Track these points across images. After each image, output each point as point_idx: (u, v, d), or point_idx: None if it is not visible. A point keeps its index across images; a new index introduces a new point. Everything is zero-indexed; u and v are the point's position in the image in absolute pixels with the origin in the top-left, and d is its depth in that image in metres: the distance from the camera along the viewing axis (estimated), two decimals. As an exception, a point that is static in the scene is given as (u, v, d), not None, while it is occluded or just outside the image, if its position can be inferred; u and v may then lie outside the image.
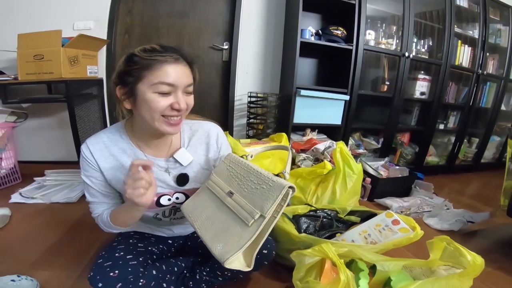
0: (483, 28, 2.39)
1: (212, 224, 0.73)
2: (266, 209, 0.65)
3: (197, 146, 0.91)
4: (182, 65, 0.74)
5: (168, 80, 0.71)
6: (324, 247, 0.78)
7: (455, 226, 1.56)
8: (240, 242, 0.65)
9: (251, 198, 0.70)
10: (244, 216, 0.68)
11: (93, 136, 0.83)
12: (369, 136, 2.39)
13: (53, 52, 1.60)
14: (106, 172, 0.81)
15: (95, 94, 2.00)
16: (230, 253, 0.64)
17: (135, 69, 0.71)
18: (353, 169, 1.49)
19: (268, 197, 0.67)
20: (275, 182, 0.68)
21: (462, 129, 2.61)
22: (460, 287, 0.76)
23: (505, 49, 2.57)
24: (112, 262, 0.78)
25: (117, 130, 0.85)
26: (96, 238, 1.25)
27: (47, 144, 2.11)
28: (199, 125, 0.94)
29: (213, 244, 0.69)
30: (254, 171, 0.75)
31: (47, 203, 1.56)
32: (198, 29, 2.15)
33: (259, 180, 0.72)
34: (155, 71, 0.70)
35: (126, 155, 0.83)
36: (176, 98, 0.73)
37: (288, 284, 1.04)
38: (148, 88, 0.71)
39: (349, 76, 2.01)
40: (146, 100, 0.72)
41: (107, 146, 0.82)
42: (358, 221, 1.22)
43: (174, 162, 0.88)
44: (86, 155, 0.81)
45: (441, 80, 2.31)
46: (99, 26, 1.99)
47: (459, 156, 2.74)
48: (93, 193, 0.84)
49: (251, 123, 2.14)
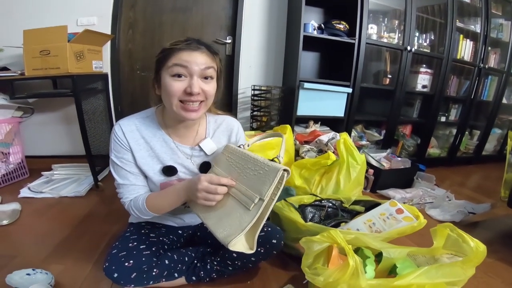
0: (485, 22, 2.41)
1: (214, 210, 0.77)
2: (264, 193, 0.68)
3: (221, 137, 0.96)
4: (200, 52, 0.77)
5: (181, 62, 0.75)
6: (332, 233, 0.80)
7: (456, 217, 1.59)
8: (241, 224, 0.69)
9: (250, 184, 0.74)
10: (244, 200, 0.72)
11: (125, 118, 0.87)
12: (371, 128, 2.42)
13: (60, 47, 1.61)
14: (136, 154, 0.85)
15: (100, 89, 2.01)
16: (233, 236, 0.68)
17: (161, 57, 0.78)
18: (357, 160, 1.51)
19: (265, 181, 0.70)
20: (270, 167, 0.72)
21: (463, 121, 2.63)
22: (463, 274, 0.77)
23: (507, 43, 2.59)
24: (126, 252, 0.81)
25: (148, 115, 0.90)
26: (106, 231, 1.27)
27: (53, 139, 2.13)
28: (223, 119, 0.99)
29: (217, 229, 0.73)
30: (251, 159, 0.78)
31: (56, 197, 1.58)
32: (201, 23, 2.16)
33: (256, 166, 0.75)
34: (172, 57, 0.75)
35: (155, 139, 0.87)
36: (190, 82, 0.76)
37: (295, 273, 1.08)
38: (166, 72, 0.76)
39: (351, 69, 2.03)
40: (165, 84, 0.77)
41: (139, 129, 0.86)
42: (363, 210, 1.24)
43: (199, 150, 0.92)
44: (119, 136, 0.84)
45: (442, 73, 2.33)
46: (102, 21, 2.00)
47: (461, 148, 2.77)
48: (124, 175, 0.85)
49: (255, 115, 2.16)
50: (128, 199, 0.86)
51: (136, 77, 2.20)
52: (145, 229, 0.96)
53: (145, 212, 0.82)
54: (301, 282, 1.02)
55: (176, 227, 1.03)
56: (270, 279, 1.04)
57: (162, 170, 0.87)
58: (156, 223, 1.01)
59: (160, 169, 0.87)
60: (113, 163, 0.86)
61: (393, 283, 0.75)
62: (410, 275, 0.76)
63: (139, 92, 2.23)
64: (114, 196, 1.61)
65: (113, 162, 0.85)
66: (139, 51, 2.14)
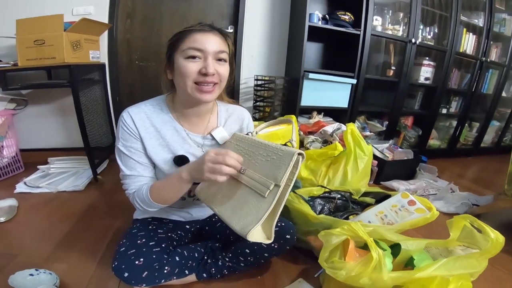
0: (489, 17, 2.41)
1: (228, 201, 0.74)
2: (280, 178, 0.65)
3: (232, 126, 0.94)
4: (212, 34, 0.76)
5: (195, 45, 0.73)
6: (353, 226, 0.78)
7: (460, 209, 1.59)
8: (258, 213, 0.65)
9: (262, 170, 0.70)
10: (259, 188, 0.68)
11: (134, 106, 0.83)
12: (373, 119, 2.42)
13: (55, 36, 1.55)
14: (147, 143, 0.81)
15: (98, 79, 1.94)
16: (250, 226, 0.64)
17: (173, 40, 0.77)
18: (364, 151, 1.50)
19: (280, 166, 0.67)
20: (284, 151, 0.68)
21: (463, 113, 2.65)
22: (478, 266, 0.77)
23: (508, 38, 2.60)
24: (135, 250, 0.77)
25: (158, 103, 0.86)
26: (109, 226, 1.24)
27: (48, 131, 2.06)
28: (234, 108, 0.97)
29: (233, 220, 0.69)
30: (262, 145, 0.75)
31: (54, 192, 1.53)
32: (202, 12, 2.10)
33: (268, 152, 0.72)
34: (186, 39, 0.74)
35: (166, 127, 0.84)
36: (205, 63, 0.74)
37: (306, 267, 1.07)
38: (180, 55, 0.75)
39: (356, 60, 2.01)
40: (178, 66, 0.75)
41: (149, 116, 0.82)
42: (373, 202, 1.23)
43: (210, 139, 0.90)
44: (128, 124, 0.80)
45: (445, 66, 2.34)
46: (99, 10, 1.92)
47: (460, 140, 2.79)
48: (132, 165, 0.81)
49: (258, 106, 2.13)
50: (133, 190, 0.82)
51: (134, 68, 2.13)
52: (152, 225, 0.92)
53: (149, 202, 0.78)
54: (313, 276, 1.02)
55: (183, 222, 1.00)
56: (281, 273, 1.03)
57: (173, 160, 0.84)
58: (163, 219, 0.97)
59: (171, 159, 0.84)
60: (120, 152, 0.81)
61: (414, 275, 0.74)
62: (430, 267, 0.75)
63: (138, 83, 2.16)
64: (114, 190, 1.60)
65: (120, 151, 0.81)
66: (137, 41, 2.08)
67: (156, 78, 2.16)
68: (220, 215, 0.74)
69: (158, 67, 2.14)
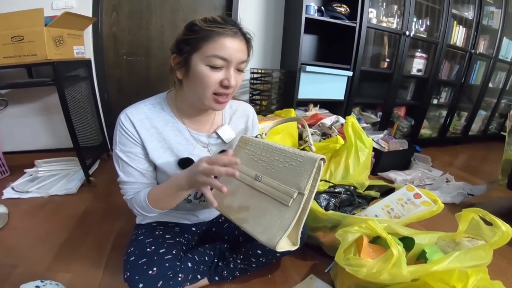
0: (478, 9, 2.47)
1: (247, 211, 0.70)
2: (303, 186, 0.62)
3: (237, 124, 0.90)
4: (239, 40, 0.68)
5: (223, 54, 0.66)
6: (371, 224, 0.78)
7: (456, 198, 1.62)
8: (283, 223, 0.62)
9: (282, 177, 0.67)
10: (280, 197, 0.65)
11: (132, 107, 0.76)
12: (367, 110, 2.44)
13: (36, 32, 1.44)
14: (148, 146, 0.75)
15: (84, 76, 1.84)
16: (278, 237, 0.61)
17: (193, 38, 0.67)
18: (365, 143, 1.49)
19: (302, 173, 0.64)
20: (305, 157, 0.65)
21: (453, 103, 2.73)
22: (486, 257, 0.78)
23: (496, 30, 2.68)
24: (146, 259, 0.73)
25: (157, 102, 0.80)
26: (109, 230, 1.19)
27: (33, 132, 1.95)
28: (238, 104, 0.92)
29: (256, 231, 0.66)
30: (277, 150, 0.71)
31: (45, 196, 1.44)
32: (193, 3, 2.01)
33: (286, 158, 0.69)
34: (212, 43, 0.65)
35: (168, 128, 0.78)
36: (227, 74, 0.68)
37: (315, 262, 1.07)
38: (202, 59, 0.67)
39: (351, 53, 2.01)
40: (198, 72, 0.67)
41: (149, 117, 0.76)
42: (378, 196, 1.23)
43: (216, 138, 0.85)
44: (127, 127, 0.73)
45: (437, 58, 2.39)
46: (82, 3, 1.80)
47: (450, 129, 2.88)
48: (130, 172, 0.76)
49: (255, 99, 2.09)
50: (131, 197, 0.77)
51: (122, 63, 2.03)
52: (158, 230, 0.87)
53: (148, 208, 0.74)
54: (323, 271, 1.02)
55: (189, 225, 0.96)
56: (291, 270, 1.02)
57: (178, 163, 0.79)
58: (169, 222, 0.93)
59: (174, 162, 0.79)
60: (118, 157, 0.75)
61: (431, 269, 0.74)
62: (444, 260, 0.75)
63: (127, 79, 2.07)
64: (109, 192, 1.54)
65: (118, 156, 0.75)
66: (124, 35, 1.98)
67: (146, 73, 2.09)
68: (241, 226, 0.70)
69: (148, 61, 2.06)
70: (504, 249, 1.16)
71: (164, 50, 2.05)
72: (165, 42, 2.03)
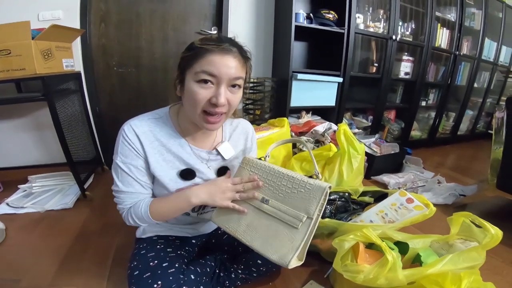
0: (460, 11, 2.55)
1: (256, 231, 0.73)
2: (312, 212, 0.68)
3: (237, 141, 0.91)
4: (232, 57, 0.69)
5: (211, 69, 0.66)
6: (366, 232, 0.80)
7: (448, 199, 1.66)
8: (293, 244, 0.68)
9: (290, 202, 0.71)
10: (289, 220, 0.69)
11: (137, 119, 0.77)
12: (358, 115, 2.48)
13: (23, 45, 1.42)
14: (151, 159, 0.76)
15: (74, 89, 1.83)
16: (289, 256, 0.67)
17: (188, 56, 0.70)
18: (357, 150, 1.53)
19: (311, 200, 0.69)
20: (314, 185, 0.70)
21: (441, 105, 2.81)
22: (479, 257, 0.81)
23: (477, 31, 2.76)
24: (150, 273, 0.74)
25: (160, 116, 0.81)
26: (109, 244, 1.19)
27: (25, 148, 1.92)
28: (238, 122, 0.94)
29: (267, 251, 0.70)
30: (284, 175, 0.75)
31: (41, 211, 1.43)
32: (183, 13, 2.02)
33: (294, 184, 0.73)
34: (201, 59, 0.67)
35: (171, 141, 0.79)
36: (217, 91, 0.69)
37: (314, 268, 1.09)
38: (192, 76, 0.69)
39: (341, 59, 2.05)
40: (189, 89, 0.70)
41: (152, 130, 0.77)
42: (372, 201, 1.26)
43: (216, 154, 0.86)
44: (130, 139, 0.74)
45: (423, 60, 2.45)
46: (69, 15, 1.78)
47: (439, 130, 2.95)
48: (130, 182, 0.76)
49: (248, 109, 2.10)
50: (128, 206, 0.78)
51: (113, 74, 2.02)
52: (159, 244, 0.88)
53: (147, 219, 0.75)
54: (322, 277, 1.05)
55: (189, 237, 0.97)
56: (291, 277, 1.04)
57: (180, 174, 0.81)
58: (169, 236, 0.93)
59: (175, 174, 0.80)
60: (118, 168, 0.76)
61: (426, 272, 0.77)
62: (438, 263, 0.78)
63: (118, 91, 2.06)
64: (106, 205, 1.53)
65: (118, 166, 0.75)
66: (114, 45, 1.97)
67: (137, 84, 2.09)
68: (249, 244, 0.74)
69: (139, 72, 2.05)
70: (498, 248, 1.20)
71: (154, 61, 2.05)
72: (156, 52, 2.03)
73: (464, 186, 1.78)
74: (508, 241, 1.27)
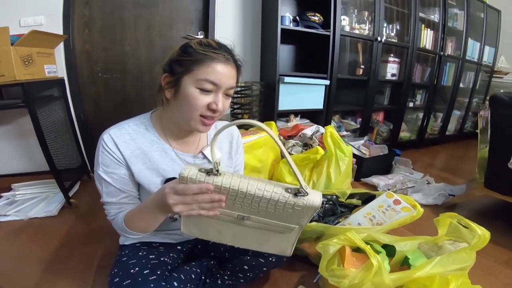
0: (443, 12, 2.58)
1: (246, 238, 0.72)
2: (304, 223, 0.66)
3: (222, 143, 0.91)
4: (231, 66, 0.71)
5: (214, 78, 0.68)
6: (349, 235, 0.79)
7: (438, 200, 1.67)
8: (289, 241, 0.71)
9: (278, 218, 0.64)
10: (281, 231, 0.68)
11: (116, 127, 0.75)
12: (347, 117, 2.48)
13: (2, 52, 1.39)
14: (133, 167, 0.74)
15: (57, 96, 1.79)
16: (288, 250, 0.73)
17: (186, 60, 0.69)
18: (345, 152, 1.52)
19: (302, 216, 0.63)
20: (304, 206, 0.60)
21: (428, 105, 2.83)
22: (469, 258, 0.80)
23: (461, 32, 2.81)
24: (131, 280, 0.71)
25: (141, 122, 0.79)
26: (93, 251, 1.17)
27: (7, 156, 1.87)
28: (222, 124, 0.90)
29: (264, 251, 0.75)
30: (261, 198, 0.59)
31: (25, 219, 1.40)
32: (169, 18, 2.01)
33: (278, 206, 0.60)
34: (204, 67, 0.68)
35: (153, 149, 0.77)
36: (216, 98, 0.70)
37: (304, 273, 1.08)
38: (193, 82, 0.68)
39: (327, 61, 2.05)
40: (188, 94, 0.69)
41: (133, 138, 0.75)
42: (360, 203, 1.25)
43: (202, 158, 0.85)
44: (110, 148, 0.72)
45: (409, 62, 2.47)
46: (52, 21, 1.74)
47: (428, 130, 2.97)
48: (112, 192, 0.75)
49: (236, 113, 2.08)
50: (113, 217, 0.76)
51: (98, 81, 1.99)
52: (141, 250, 0.85)
53: (126, 231, 0.73)
54: (311, 281, 1.04)
55: (174, 244, 0.94)
56: (281, 282, 1.03)
57: (166, 182, 0.78)
58: (153, 242, 0.90)
59: (161, 182, 0.78)
60: (101, 179, 0.74)
61: (413, 275, 0.75)
62: (426, 266, 0.77)
63: (103, 97, 2.02)
64: (92, 213, 1.50)
65: (101, 177, 0.74)
66: (98, 51, 1.94)
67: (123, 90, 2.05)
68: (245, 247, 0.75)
69: (124, 78, 2.02)
70: (490, 248, 1.20)
71: (140, 67, 2.02)
72: (141, 58, 2.01)
73: (453, 186, 1.78)
74: (500, 241, 1.29)
